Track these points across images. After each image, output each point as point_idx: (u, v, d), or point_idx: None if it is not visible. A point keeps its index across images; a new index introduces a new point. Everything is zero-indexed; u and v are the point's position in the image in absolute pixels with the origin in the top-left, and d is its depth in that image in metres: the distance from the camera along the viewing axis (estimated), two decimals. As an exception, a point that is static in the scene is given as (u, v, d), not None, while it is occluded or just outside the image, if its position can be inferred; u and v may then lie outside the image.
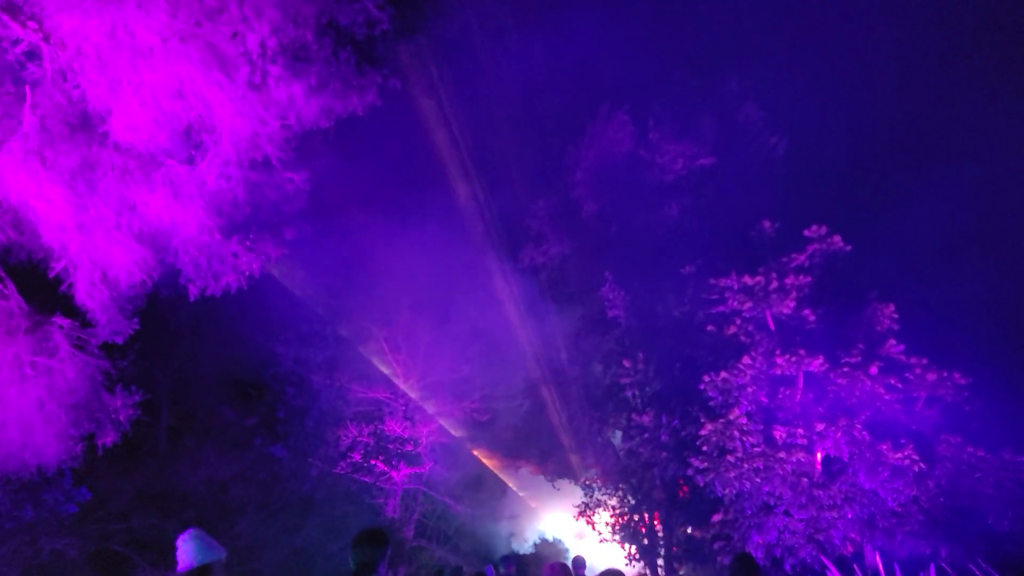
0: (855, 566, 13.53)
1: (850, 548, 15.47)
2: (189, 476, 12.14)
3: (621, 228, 24.04)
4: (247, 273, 8.50)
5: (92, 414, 8.48)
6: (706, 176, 23.72)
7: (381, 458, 24.94)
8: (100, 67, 7.63)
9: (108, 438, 8.73)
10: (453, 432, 27.05)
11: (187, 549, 4.29)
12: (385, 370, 24.96)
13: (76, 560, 10.08)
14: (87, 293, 8.16)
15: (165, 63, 7.56)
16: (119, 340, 8.38)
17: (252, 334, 21.82)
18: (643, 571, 21.62)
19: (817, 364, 15.85)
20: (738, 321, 17.72)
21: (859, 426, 15.24)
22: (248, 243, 8.38)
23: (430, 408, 25.05)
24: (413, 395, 24.43)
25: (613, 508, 23.27)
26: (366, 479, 24.11)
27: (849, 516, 15.22)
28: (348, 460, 23.33)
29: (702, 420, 16.32)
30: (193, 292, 8.39)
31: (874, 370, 15.54)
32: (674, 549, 20.62)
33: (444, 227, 26.14)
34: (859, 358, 15.75)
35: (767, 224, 19.18)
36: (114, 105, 7.69)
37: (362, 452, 23.96)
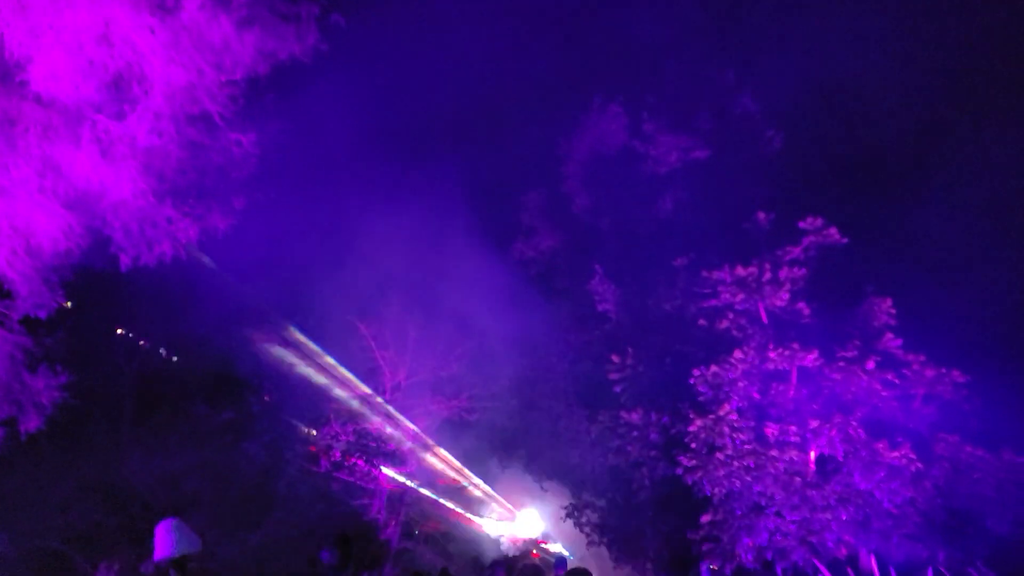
0: (849, 570, 12.80)
1: (844, 551, 14.75)
2: (139, 468, 11.40)
3: (613, 221, 23.39)
4: (184, 241, 7.78)
5: (11, 395, 7.74)
6: (701, 169, 23.04)
7: (362, 457, 24.30)
8: (18, 8, 6.95)
9: (31, 423, 7.99)
10: (439, 432, 26.46)
11: (166, 539, 4.31)
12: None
13: (8, 557, 9.35)
14: (7, 262, 7.46)
15: (89, 4, 6.89)
16: (42, 315, 7.67)
17: (228, 326, 21.21)
18: (631, 573, 20.92)
19: (812, 359, 15.15)
20: (730, 315, 17.03)
21: (855, 423, 14.54)
22: (186, 208, 7.66)
23: (416, 407, 24.43)
24: (399, 393, 23.77)
25: (601, 509, 22.58)
26: (347, 478, 23.47)
27: (843, 518, 14.50)
28: (328, 458, 22.70)
29: (691, 416, 15.59)
30: (124, 262, 7.68)
31: (871, 365, 14.84)
32: (664, 552, 19.87)
33: (430, 220, 25.53)
34: (855, 352, 15.04)
35: (761, 216, 18.51)
36: (34, 52, 7.01)
37: (342, 450, 23.32)
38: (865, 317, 16.71)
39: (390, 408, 23.56)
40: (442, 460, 29.08)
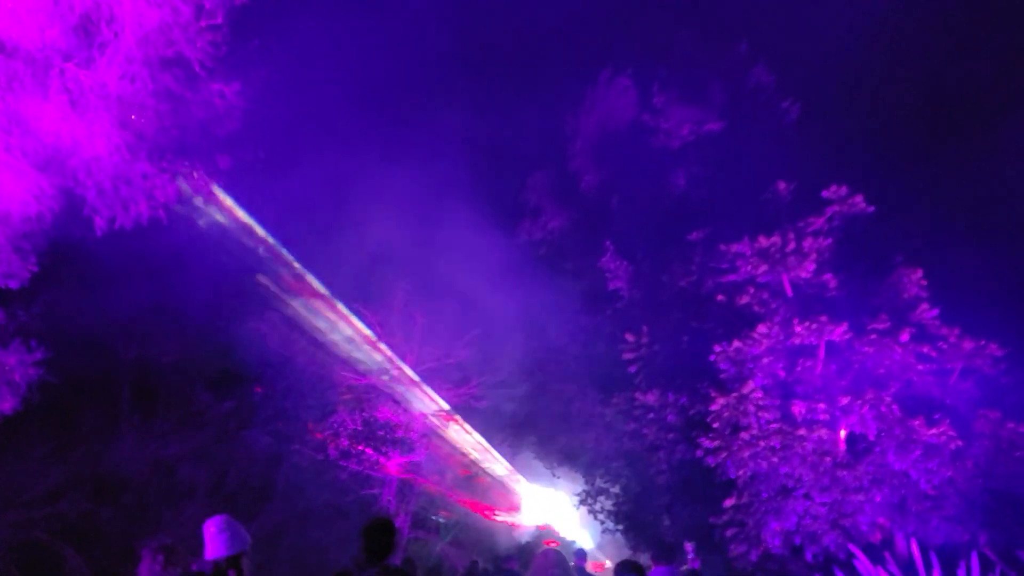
0: (887, 555, 12.03)
1: (879, 535, 14.00)
2: (131, 456, 10.72)
3: (623, 198, 22.59)
4: (162, 201, 7.02)
5: (-20, 373, 7.03)
6: (715, 142, 22.23)
7: (370, 445, 23.69)
8: (-30, -60, 6.20)
9: (6, 403, 7.27)
10: (449, 419, 25.85)
11: (218, 538, 4.20)
12: (377, 356, 23.70)
13: (-7, 550, 8.75)
14: (-30, 228, 6.73)
15: (48, -68, 6.13)
16: (13, 285, 6.94)
17: (228, 312, 20.53)
18: (647, 562, 20.20)
19: (840, 332, 14.34)
20: (751, 290, 16.24)
21: (888, 400, 13.74)
22: (163, 164, 6.90)
23: (425, 394, 23.81)
24: (406, 380, 23.13)
25: (616, 496, 21.90)
26: (354, 467, 22.86)
27: (877, 500, 13.73)
28: (335, 446, 22.09)
29: (713, 395, 14.81)
30: (99, 224, 6.93)
31: (905, 337, 14.03)
32: (682, 539, 19.14)
33: (433, 201, 24.83)
34: (888, 324, 14.23)
35: (782, 185, 17.69)
36: (-9, -10, 6.27)
37: (348, 438, 22.69)
38: (894, 289, 15.91)
39: (400, 395, 22.90)
40: (453, 448, 28.52)
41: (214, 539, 4.26)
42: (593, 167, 23.96)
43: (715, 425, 14.70)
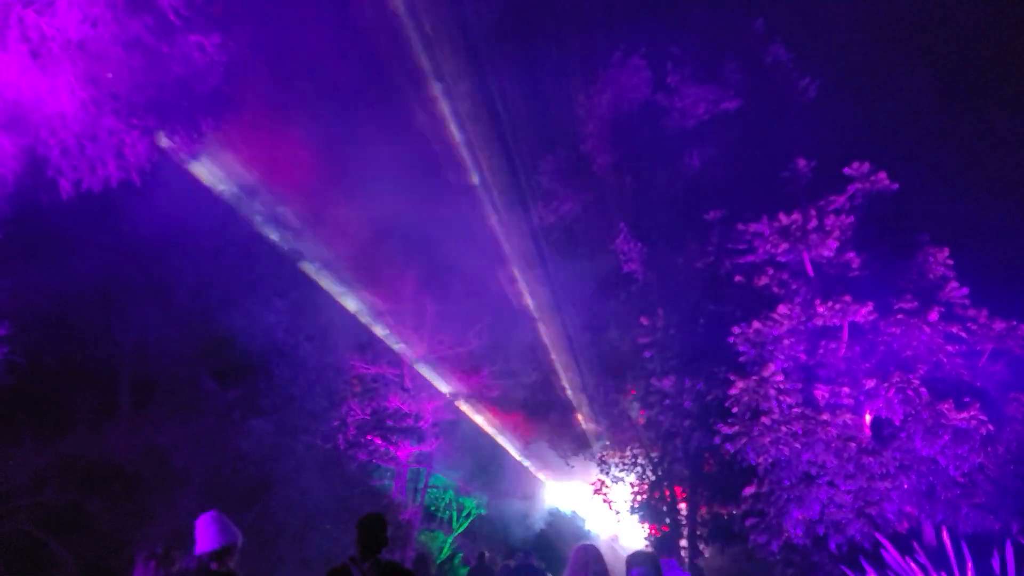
0: (915, 545, 11.39)
1: (906, 524, 13.34)
2: (124, 443, 10.26)
3: (637, 180, 21.96)
4: (134, 161, 6.49)
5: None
6: (731, 120, 21.54)
7: (378, 434, 23.31)
8: None
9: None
10: (461, 408, 25.45)
11: (206, 532, 4.29)
12: (387, 344, 23.29)
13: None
14: (-72, 191, 6.25)
15: None
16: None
17: (230, 296, 20.12)
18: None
19: (865, 312, 13.66)
20: (770, 271, 15.58)
21: (916, 382, 13.05)
22: (133, 120, 6.37)
23: (435, 382, 23.40)
24: (417, 368, 22.70)
25: (632, 485, 21.36)
26: (363, 457, 22.48)
27: (905, 487, 13.08)
28: (344, 436, 21.70)
29: (732, 379, 14.18)
30: (64, 187, 6.42)
31: (934, 316, 13.33)
32: (699, 529, 18.58)
33: (442, 185, 24.34)
34: (916, 304, 13.53)
35: (802, 163, 17.00)
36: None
37: (357, 427, 22.31)
38: (919, 270, 15.18)
39: (410, 384, 22.49)
40: (465, 437, 28.10)
41: (203, 533, 4.32)
42: (606, 149, 23.33)
43: (734, 410, 14.07)
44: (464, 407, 24.94)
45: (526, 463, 29.73)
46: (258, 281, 20.59)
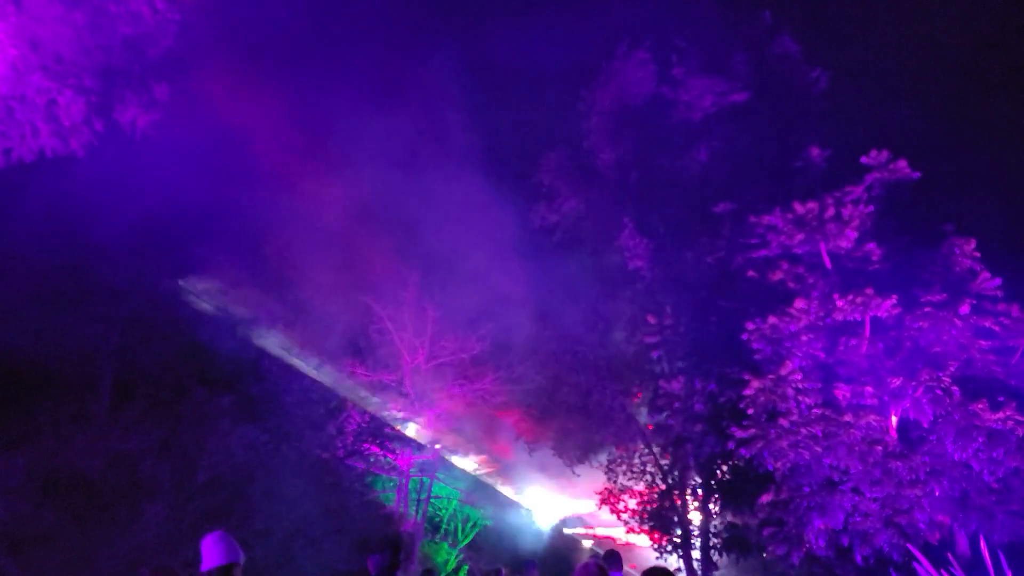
0: (949, 556, 10.46)
1: (937, 534, 12.41)
2: (85, 448, 9.43)
3: (643, 174, 21.14)
4: (69, 126, 5.66)
5: None
6: (739, 113, 20.75)
7: (379, 444, 22.57)
8: None
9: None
10: (462, 417, 24.67)
11: (211, 550, 4.44)
12: (387, 350, 22.52)
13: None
14: None
15: None
16: None
17: (223, 302, 19.43)
18: (678, 565, 18.70)
19: (888, 306, 12.80)
20: (784, 265, 14.75)
21: (946, 381, 12.15)
22: (70, 80, 5.55)
23: (438, 390, 22.60)
24: (418, 377, 21.92)
25: (640, 494, 20.41)
26: (362, 466, 21.72)
27: (936, 494, 12.16)
28: (342, 445, 20.98)
29: (746, 378, 13.29)
30: (-8, 156, 5.59)
31: (965, 309, 12.44)
32: (712, 539, 17.63)
33: (441, 188, 23.60)
34: (945, 296, 12.64)
35: (815, 152, 16.23)
36: None
37: (357, 436, 21.56)
38: (944, 262, 14.28)
39: (411, 392, 21.73)
40: (468, 446, 27.28)
41: (208, 551, 4.42)
42: (610, 144, 22.52)
43: (749, 412, 13.19)
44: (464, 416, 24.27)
45: (529, 473, 28.89)
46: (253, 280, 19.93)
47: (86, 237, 12.44)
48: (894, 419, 12.85)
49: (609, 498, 21.50)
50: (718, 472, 17.28)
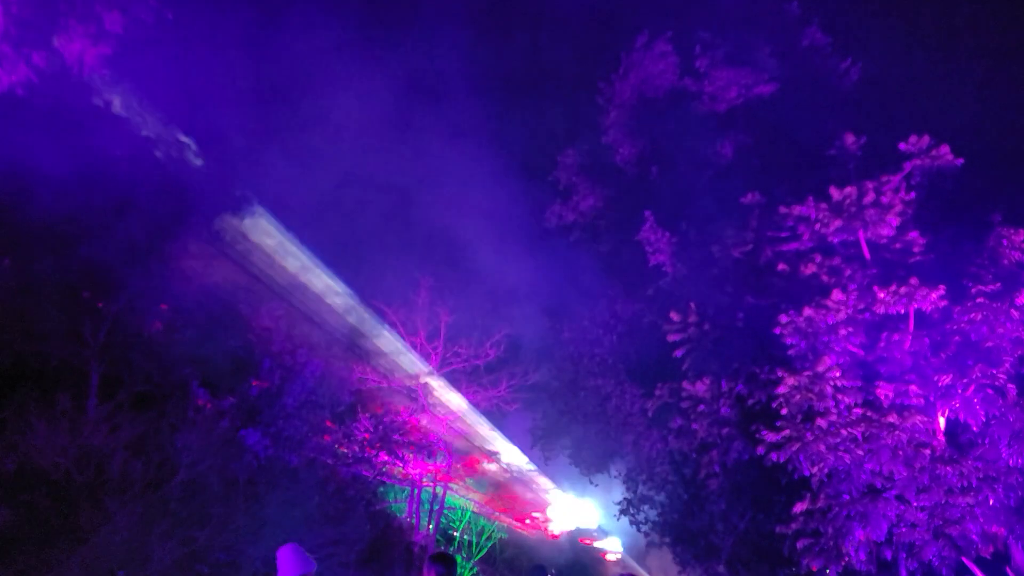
0: (1008, 570, 9.41)
1: (991, 547, 11.31)
2: (45, 445, 8.57)
3: (664, 167, 20.28)
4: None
5: None
6: (767, 105, 19.88)
7: (390, 451, 21.73)
8: None
9: None
10: (476, 424, 23.95)
11: (288, 560, 4.64)
12: (399, 358, 21.88)
13: None
14: None
15: None
16: None
17: (224, 298, 18.77)
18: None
19: (935, 297, 11.77)
20: (818, 258, 13.77)
21: (1001, 378, 11.09)
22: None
23: (450, 397, 21.86)
24: (431, 382, 21.17)
25: (662, 504, 19.43)
26: (370, 475, 20.88)
27: (991, 502, 11.06)
28: (350, 452, 20.21)
29: (780, 375, 12.27)
30: None
31: (1022, 300, 11.37)
32: (740, 552, 16.58)
33: (457, 189, 23.03)
34: (999, 284, 11.59)
35: (850, 139, 15.20)
36: None
37: (360, 441, 20.74)
38: (991, 254, 13.21)
39: (423, 398, 20.98)
40: (481, 454, 26.47)
41: (283, 563, 4.60)
42: (629, 139, 21.76)
43: (783, 412, 12.16)
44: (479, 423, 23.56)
45: (545, 482, 28.06)
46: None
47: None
48: (942, 420, 11.84)
49: (628, 508, 20.61)
50: (746, 479, 16.25)
